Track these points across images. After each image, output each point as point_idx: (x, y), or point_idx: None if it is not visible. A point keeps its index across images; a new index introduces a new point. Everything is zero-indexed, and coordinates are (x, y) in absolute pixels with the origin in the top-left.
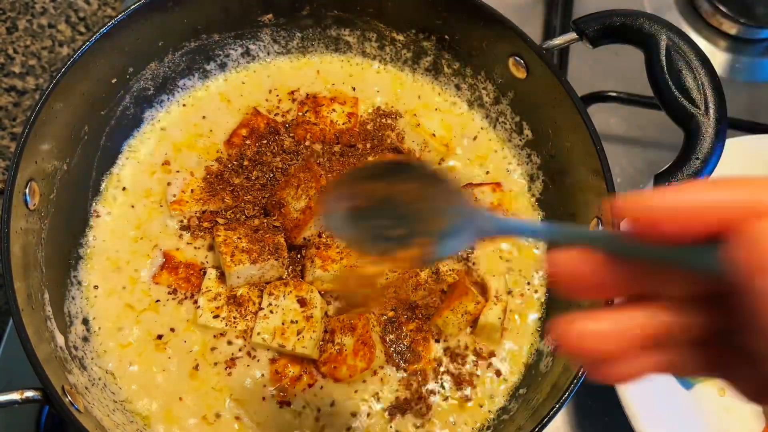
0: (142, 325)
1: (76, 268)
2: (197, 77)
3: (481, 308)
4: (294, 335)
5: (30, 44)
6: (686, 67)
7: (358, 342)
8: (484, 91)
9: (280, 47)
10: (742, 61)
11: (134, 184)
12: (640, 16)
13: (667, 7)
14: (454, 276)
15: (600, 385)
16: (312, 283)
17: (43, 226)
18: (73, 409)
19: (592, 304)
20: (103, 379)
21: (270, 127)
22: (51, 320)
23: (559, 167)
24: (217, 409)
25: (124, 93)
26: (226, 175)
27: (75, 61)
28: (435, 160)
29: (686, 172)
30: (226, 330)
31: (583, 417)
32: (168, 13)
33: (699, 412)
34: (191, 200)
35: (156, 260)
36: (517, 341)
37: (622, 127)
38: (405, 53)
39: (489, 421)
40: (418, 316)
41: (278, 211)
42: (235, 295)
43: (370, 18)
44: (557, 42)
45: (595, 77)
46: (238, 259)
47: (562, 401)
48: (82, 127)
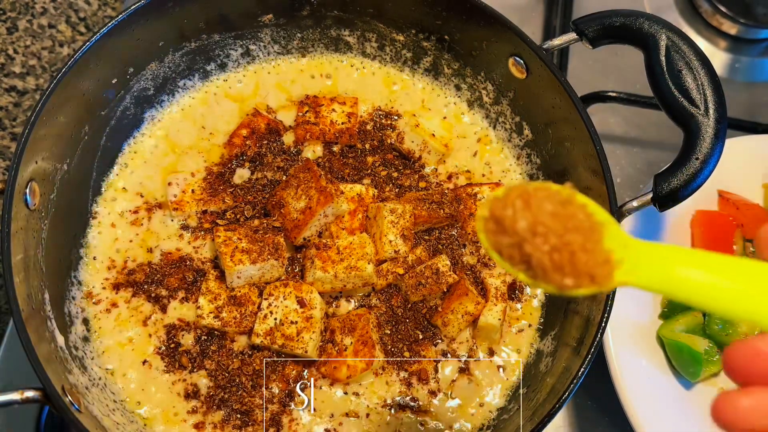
0: (143, 325)
1: (76, 268)
2: (197, 77)
3: (481, 309)
4: (294, 336)
5: (30, 44)
6: (686, 68)
7: (358, 342)
8: (484, 91)
9: (280, 47)
10: (742, 61)
11: (134, 185)
12: (640, 16)
13: (667, 7)
14: (455, 276)
15: (600, 385)
16: (312, 283)
17: (43, 226)
18: (73, 409)
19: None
20: (103, 378)
21: (270, 127)
22: (51, 320)
23: (559, 167)
24: None
25: (124, 93)
26: (226, 176)
27: (75, 61)
28: (435, 160)
29: (686, 172)
30: (226, 330)
31: (583, 417)
32: (168, 13)
33: (699, 412)
34: (192, 200)
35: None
36: (517, 341)
37: (622, 127)
38: (405, 53)
39: (489, 420)
40: (418, 317)
41: (278, 212)
42: (235, 296)
43: (370, 18)
44: (557, 42)
45: (595, 77)
46: (238, 259)
47: (562, 401)
48: (82, 128)
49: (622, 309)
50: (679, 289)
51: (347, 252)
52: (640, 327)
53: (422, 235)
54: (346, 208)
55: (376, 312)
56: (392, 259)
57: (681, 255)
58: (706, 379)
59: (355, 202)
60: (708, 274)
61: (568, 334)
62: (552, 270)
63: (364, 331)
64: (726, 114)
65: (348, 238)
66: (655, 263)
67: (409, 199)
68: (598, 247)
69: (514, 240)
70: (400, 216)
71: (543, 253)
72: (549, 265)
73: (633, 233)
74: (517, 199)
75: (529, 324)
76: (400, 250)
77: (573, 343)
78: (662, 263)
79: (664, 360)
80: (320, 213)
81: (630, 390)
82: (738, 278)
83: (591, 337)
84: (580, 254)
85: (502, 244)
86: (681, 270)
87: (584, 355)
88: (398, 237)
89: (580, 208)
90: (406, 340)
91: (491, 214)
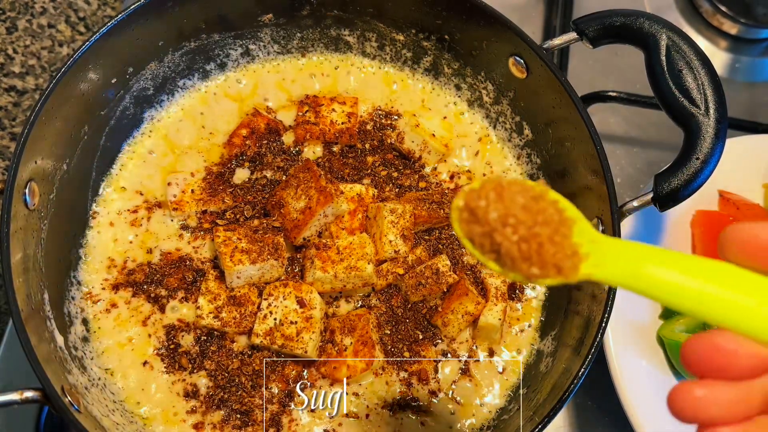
0: (143, 326)
1: (75, 268)
2: (197, 77)
3: (482, 309)
4: (293, 336)
5: (30, 44)
6: (686, 67)
7: (358, 342)
8: (484, 91)
9: (280, 47)
10: (742, 61)
11: (134, 185)
12: (640, 16)
13: (668, 6)
14: (455, 276)
15: (599, 385)
16: (312, 283)
17: (43, 226)
18: (73, 410)
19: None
20: (103, 379)
21: (270, 127)
22: (51, 320)
23: (559, 167)
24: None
25: (124, 93)
26: (226, 176)
27: (75, 60)
28: (435, 160)
29: (687, 172)
30: (226, 330)
31: (583, 417)
32: (167, 12)
33: None
34: (191, 200)
35: (156, 259)
36: (517, 341)
37: (622, 127)
38: (405, 53)
39: (489, 421)
40: (418, 317)
41: (278, 212)
42: (234, 296)
43: (370, 18)
44: (557, 42)
45: (595, 77)
46: (237, 260)
47: (563, 401)
48: (81, 127)
49: (622, 309)
50: (641, 284)
51: (347, 252)
52: (640, 327)
53: (422, 235)
54: (346, 208)
55: (376, 312)
56: (392, 259)
57: (645, 252)
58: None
59: (355, 202)
60: (670, 272)
61: (568, 334)
62: (520, 259)
63: (364, 331)
64: (726, 114)
65: (348, 238)
66: (620, 259)
67: (409, 199)
68: (566, 240)
69: (485, 229)
70: (400, 216)
71: (512, 243)
72: (517, 255)
73: (633, 233)
74: (491, 191)
75: (530, 324)
76: (400, 250)
77: (573, 344)
78: (627, 259)
79: (664, 360)
80: (320, 213)
81: (630, 390)
82: (700, 277)
83: (591, 338)
84: (547, 246)
85: (474, 232)
86: (644, 266)
87: (584, 356)
88: (398, 237)
89: (551, 203)
90: (406, 340)
91: (466, 204)
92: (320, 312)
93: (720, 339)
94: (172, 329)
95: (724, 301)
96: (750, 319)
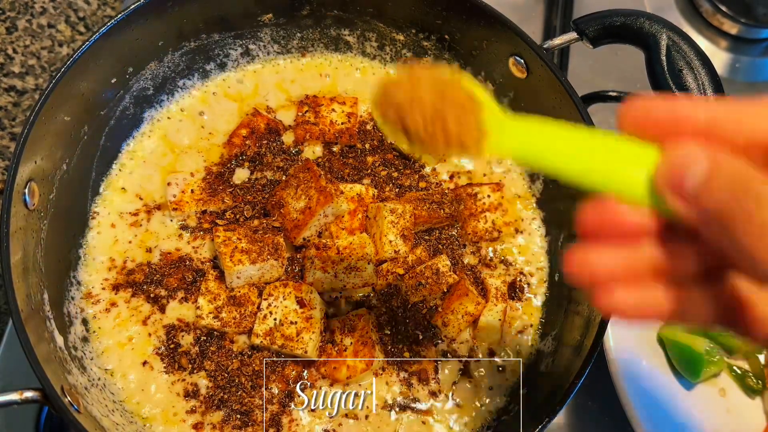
0: (142, 326)
1: (75, 268)
2: (197, 77)
3: (482, 309)
4: (293, 336)
5: (30, 44)
6: (687, 67)
7: (358, 343)
8: None
9: (280, 47)
10: (742, 61)
11: (134, 185)
12: (640, 15)
13: (668, 6)
14: (455, 277)
15: (599, 385)
16: (312, 283)
17: (43, 226)
18: (73, 410)
19: None
20: (103, 379)
21: (270, 127)
22: (50, 320)
23: None
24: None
25: (124, 93)
26: (225, 176)
27: (75, 61)
28: (435, 160)
29: None
30: (226, 330)
31: (583, 417)
32: (167, 12)
33: (699, 412)
34: (191, 200)
35: (155, 259)
36: (517, 342)
37: None
38: (405, 53)
39: (489, 421)
40: (418, 317)
41: (278, 212)
42: (234, 296)
43: (370, 18)
44: (557, 42)
45: (595, 77)
46: (237, 260)
47: (563, 402)
48: (81, 127)
49: None
50: (532, 156)
51: (347, 252)
52: (640, 327)
53: (422, 235)
54: (346, 208)
55: (376, 312)
56: (392, 259)
57: (538, 127)
58: (707, 379)
59: (355, 202)
60: (557, 143)
61: (568, 334)
62: (426, 137)
63: (364, 331)
64: None
65: (348, 238)
66: (519, 134)
67: (409, 199)
68: (471, 119)
69: (396, 111)
70: (400, 216)
71: (417, 122)
72: (423, 133)
73: None
74: (406, 77)
75: (530, 324)
76: (400, 250)
77: (573, 344)
78: (522, 134)
79: (665, 360)
80: (320, 213)
81: (630, 390)
82: (584, 147)
83: (591, 338)
84: (452, 126)
85: (388, 116)
86: (536, 139)
87: (584, 356)
88: (398, 237)
89: (461, 89)
90: (406, 341)
91: (384, 90)
92: (320, 312)
93: (608, 202)
94: (171, 329)
95: (604, 168)
96: (629, 184)
